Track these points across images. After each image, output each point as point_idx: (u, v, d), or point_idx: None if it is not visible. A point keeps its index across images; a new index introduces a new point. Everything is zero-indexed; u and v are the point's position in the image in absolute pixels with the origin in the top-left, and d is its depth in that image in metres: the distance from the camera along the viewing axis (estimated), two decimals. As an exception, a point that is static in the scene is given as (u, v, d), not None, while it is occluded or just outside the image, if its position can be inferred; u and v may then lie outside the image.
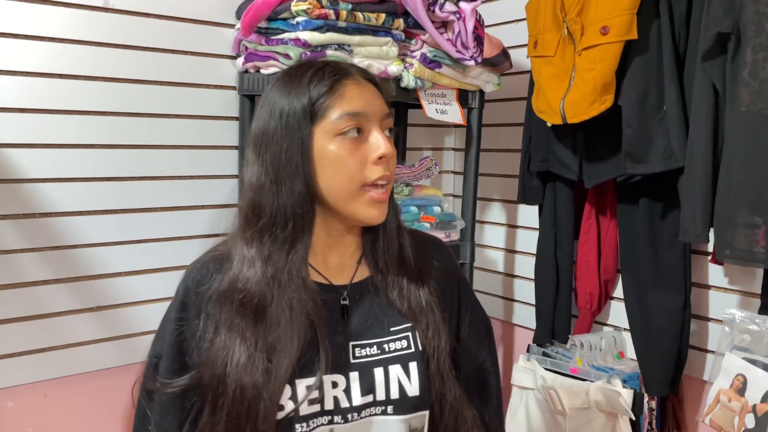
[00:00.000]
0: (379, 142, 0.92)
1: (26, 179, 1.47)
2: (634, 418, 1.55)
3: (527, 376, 1.75)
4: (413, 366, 0.96)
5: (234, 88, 1.74)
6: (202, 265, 0.98)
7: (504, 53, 1.77)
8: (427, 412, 0.97)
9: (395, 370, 0.95)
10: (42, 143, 1.48)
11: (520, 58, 1.88)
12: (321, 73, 0.93)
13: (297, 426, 0.90)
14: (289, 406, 0.89)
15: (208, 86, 1.71)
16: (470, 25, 1.59)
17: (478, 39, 1.63)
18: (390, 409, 0.95)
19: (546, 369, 1.73)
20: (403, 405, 0.95)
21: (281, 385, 0.89)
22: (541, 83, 1.60)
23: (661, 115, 1.45)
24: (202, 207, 1.72)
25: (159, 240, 1.66)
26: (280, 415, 0.89)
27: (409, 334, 0.98)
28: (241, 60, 1.68)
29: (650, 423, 1.61)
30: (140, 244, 1.64)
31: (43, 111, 1.48)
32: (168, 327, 0.97)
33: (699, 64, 1.33)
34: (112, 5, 1.54)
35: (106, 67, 1.55)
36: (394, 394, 0.95)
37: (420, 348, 0.97)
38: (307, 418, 0.91)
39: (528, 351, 1.83)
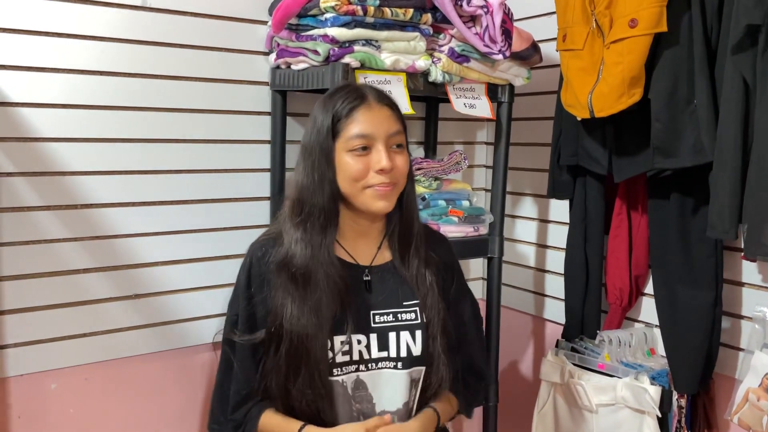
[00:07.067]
0: (380, 157, 1.19)
1: (69, 172, 1.54)
2: (660, 416, 1.53)
3: (555, 371, 1.75)
4: (418, 333, 1.28)
5: (266, 83, 1.78)
6: (260, 244, 1.29)
7: (534, 47, 1.76)
8: (424, 368, 1.28)
9: (405, 335, 1.27)
10: (84, 137, 1.55)
11: (550, 51, 1.86)
12: (343, 100, 1.21)
13: (335, 370, 1.22)
14: (329, 355, 1.21)
15: (241, 82, 1.75)
16: (498, 19, 1.59)
17: (506, 33, 1.63)
18: (399, 364, 1.26)
19: (574, 364, 1.73)
20: (408, 361, 1.26)
21: (327, 332, 1.19)
22: (570, 77, 1.59)
23: (691, 108, 1.42)
24: (236, 200, 1.77)
25: (194, 231, 1.72)
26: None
27: (417, 308, 1.29)
28: (273, 56, 1.72)
29: (679, 421, 1.59)
30: (176, 235, 1.70)
31: (85, 107, 1.55)
32: (240, 293, 1.28)
33: (729, 56, 1.31)
34: (149, 4, 1.60)
35: (145, 64, 1.61)
36: (403, 353, 1.26)
37: (424, 320, 1.28)
38: (341, 365, 1.22)
39: (557, 346, 1.82)
